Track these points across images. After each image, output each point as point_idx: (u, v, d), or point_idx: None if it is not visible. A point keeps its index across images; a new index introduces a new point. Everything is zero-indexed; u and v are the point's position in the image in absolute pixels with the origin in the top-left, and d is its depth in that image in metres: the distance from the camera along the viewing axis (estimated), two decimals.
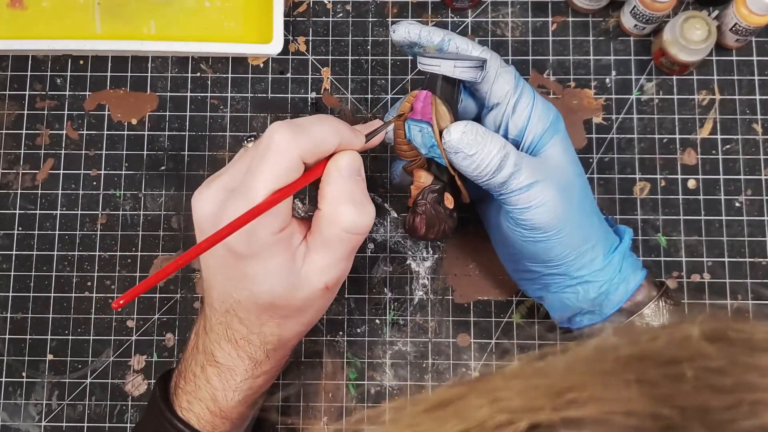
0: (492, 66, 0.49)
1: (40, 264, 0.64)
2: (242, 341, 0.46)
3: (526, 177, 0.47)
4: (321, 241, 0.44)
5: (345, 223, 0.44)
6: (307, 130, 0.43)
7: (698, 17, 0.60)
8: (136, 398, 0.62)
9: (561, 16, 0.66)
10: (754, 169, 0.63)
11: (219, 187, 0.45)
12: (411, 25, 0.50)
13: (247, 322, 0.46)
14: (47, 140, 0.65)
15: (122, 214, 0.64)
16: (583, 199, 0.50)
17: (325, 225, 0.44)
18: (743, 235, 0.62)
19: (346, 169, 0.44)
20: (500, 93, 0.49)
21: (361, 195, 0.45)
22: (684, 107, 0.64)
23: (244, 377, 0.47)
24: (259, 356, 0.47)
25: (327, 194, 0.44)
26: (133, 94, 0.66)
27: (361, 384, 0.61)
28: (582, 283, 0.51)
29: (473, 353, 0.62)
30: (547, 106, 0.50)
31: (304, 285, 0.45)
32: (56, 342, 0.62)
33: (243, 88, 0.66)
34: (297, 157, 0.43)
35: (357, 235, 0.45)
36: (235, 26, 0.66)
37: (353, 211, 0.44)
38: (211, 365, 0.48)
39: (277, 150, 0.42)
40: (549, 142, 0.49)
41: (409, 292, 0.63)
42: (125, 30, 0.66)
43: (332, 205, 0.44)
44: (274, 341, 0.46)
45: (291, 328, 0.47)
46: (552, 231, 0.48)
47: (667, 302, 0.51)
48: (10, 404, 0.62)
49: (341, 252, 0.45)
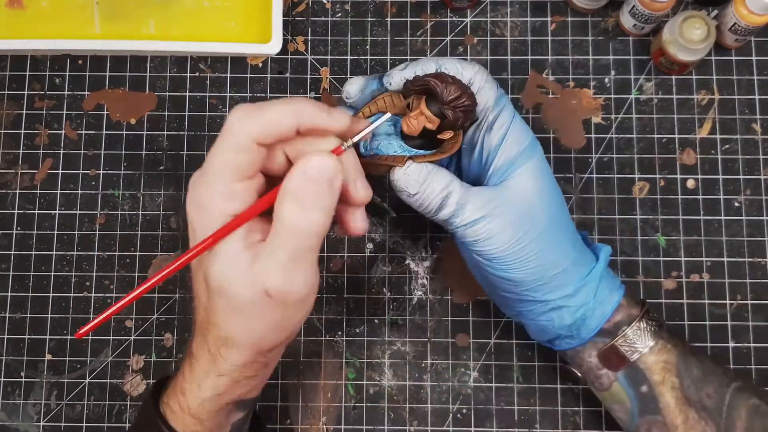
0: (477, 79, 0.49)
1: (39, 264, 0.64)
2: (203, 329, 0.46)
3: (471, 214, 0.48)
4: (270, 239, 0.42)
5: (285, 220, 0.41)
6: (262, 111, 0.42)
7: (697, 17, 0.60)
8: (135, 398, 0.62)
9: (560, 15, 0.66)
10: (753, 169, 0.63)
11: (195, 177, 0.45)
12: (404, 71, 0.49)
13: (206, 308, 0.45)
14: (46, 140, 0.65)
15: (121, 213, 0.64)
16: (552, 226, 0.49)
17: (274, 222, 0.42)
18: (742, 235, 0.62)
19: (313, 170, 0.41)
20: (479, 108, 0.49)
21: (312, 199, 0.42)
22: (683, 107, 0.64)
23: (206, 370, 0.46)
24: (214, 351, 0.46)
25: (282, 188, 0.42)
26: (132, 93, 0.66)
27: (360, 384, 0.61)
28: (555, 309, 0.50)
29: (472, 353, 0.62)
30: (525, 130, 0.50)
31: (246, 284, 0.42)
32: (55, 342, 0.62)
33: (242, 88, 0.66)
34: (246, 137, 0.42)
35: (298, 239, 0.42)
36: (234, 26, 0.66)
37: (295, 210, 0.41)
38: (188, 357, 0.47)
39: (227, 131, 0.42)
40: (519, 168, 0.49)
41: (408, 292, 0.63)
42: (124, 30, 0.66)
43: (281, 199, 0.42)
44: (223, 336, 0.45)
45: (238, 329, 0.44)
46: (510, 260, 0.48)
47: (649, 323, 0.51)
48: (8, 404, 0.62)
49: (283, 254, 0.42)
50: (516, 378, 0.61)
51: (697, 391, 0.50)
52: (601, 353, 0.51)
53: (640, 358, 0.50)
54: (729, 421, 0.49)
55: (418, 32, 0.66)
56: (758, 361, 0.61)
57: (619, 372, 0.51)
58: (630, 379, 0.51)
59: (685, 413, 0.50)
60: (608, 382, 0.52)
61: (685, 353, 0.51)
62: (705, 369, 0.51)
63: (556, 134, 0.64)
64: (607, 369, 0.52)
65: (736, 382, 0.51)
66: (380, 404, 0.61)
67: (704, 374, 0.51)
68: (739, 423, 0.49)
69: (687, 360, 0.51)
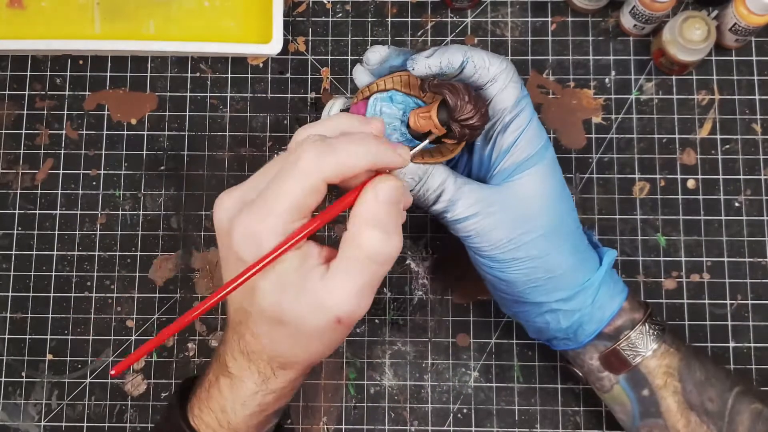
0: (501, 78, 0.49)
1: (40, 264, 0.64)
2: (252, 354, 0.45)
3: (462, 210, 0.48)
4: (341, 265, 0.42)
5: (367, 247, 0.41)
6: (335, 150, 0.41)
7: (698, 17, 0.60)
8: (136, 398, 0.62)
9: (560, 16, 0.66)
10: (754, 169, 0.63)
11: (238, 197, 0.44)
12: (429, 59, 0.48)
13: (257, 336, 0.45)
14: (47, 140, 0.65)
15: (122, 214, 0.64)
16: (551, 231, 0.49)
17: (348, 247, 0.42)
18: (743, 235, 0.62)
19: (384, 194, 0.42)
20: (497, 108, 0.49)
21: (393, 225, 0.42)
22: (683, 107, 0.64)
23: (254, 391, 0.46)
24: (267, 372, 0.46)
25: (356, 215, 0.42)
26: (132, 94, 0.66)
27: (360, 384, 0.61)
28: (550, 312, 0.50)
29: (473, 353, 0.62)
30: (538, 135, 0.49)
31: (314, 311, 0.42)
32: (56, 342, 0.62)
33: (242, 88, 0.66)
34: (320, 180, 0.41)
35: (378, 265, 0.42)
36: (235, 26, 0.66)
37: (379, 236, 0.41)
38: (224, 375, 0.47)
39: (301, 170, 0.40)
40: (526, 171, 0.49)
41: (409, 292, 0.63)
42: (124, 30, 0.66)
43: (359, 226, 0.41)
44: (280, 360, 0.45)
45: (298, 352, 0.45)
46: (503, 260, 0.49)
47: (651, 327, 0.51)
48: (9, 404, 0.62)
49: (359, 280, 0.41)
50: (516, 378, 0.61)
51: (699, 395, 0.50)
52: (603, 356, 0.51)
53: (642, 362, 0.50)
54: (731, 425, 0.49)
55: (419, 32, 0.66)
56: (758, 361, 0.61)
57: (621, 375, 0.51)
58: (631, 383, 0.51)
59: (686, 417, 0.50)
60: (609, 385, 0.52)
61: (688, 357, 0.51)
62: (708, 373, 0.51)
63: (557, 134, 0.64)
64: (609, 372, 0.52)
65: (738, 386, 0.51)
66: (381, 404, 0.61)
67: (707, 378, 0.50)
68: (741, 427, 0.49)
69: (690, 364, 0.51)
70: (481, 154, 0.51)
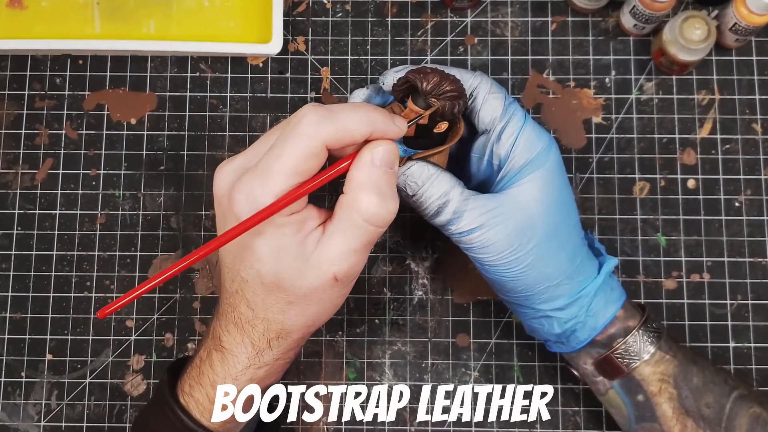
0: (481, 91, 0.49)
1: (39, 264, 0.64)
2: (247, 325, 0.46)
3: (467, 223, 0.47)
4: (337, 227, 0.43)
5: (364, 211, 0.43)
6: (336, 116, 0.42)
7: (698, 17, 0.60)
8: (136, 398, 0.62)
9: (560, 15, 0.66)
10: (754, 169, 0.63)
11: (238, 165, 0.45)
12: (398, 72, 0.49)
13: (252, 305, 0.45)
14: (46, 140, 0.65)
15: (121, 213, 0.64)
16: (549, 238, 0.48)
17: (344, 210, 0.43)
18: (743, 235, 0.62)
19: (380, 157, 0.43)
20: (487, 119, 0.49)
21: (388, 187, 0.43)
22: (683, 107, 0.64)
23: (246, 365, 0.47)
24: (261, 344, 0.46)
25: (353, 179, 0.43)
26: (132, 93, 0.66)
27: (360, 384, 0.61)
28: (545, 317, 0.50)
29: (472, 353, 0.62)
30: (537, 136, 0.49)
31: (311, 271, 0.44)
32: (55, 342, 0.62)
33: (242, 88, 0.66)
34: (321, 144, 0.42)
35: (375, 227, 0.43)
36: (235, 26, 0.66)
37: (375, 200, 0.43)
38: (217, 350, 0.47)
39: (302, 134, 0.42)
40: (526, 177, 0.48)
41: (409, 292, 0.63)
42: (124, 30, 0.66)
43: (355, 190, 0.43)
44: (277, 329, 0.46)
45: (294, 317, 0.46)
46: (503, 269, 0.48)
47: (647, 334, 0.50)
48: (9, 404, 0.62)
49: (355, 242, 0.43)
50: (516, 378, 0.61)
51: (696, 401, 0.50)
52: (596, 362, 0.51)
53: (636, 370, 0.50)
54: (729, 430, 0.49)
55: (419, 32, 0.66)
56: (758, 361, 0.61)
57: (615, 381, 0.51)
58: (626, 388, 0.51)
59: (683, 422, 0.50)
60: (604, 389, 0.52)
61: (685, 362, 0.50)
62: (706, 378, 0.50)
63: (557, 134, 0.64)
64: (603, 377, 0.51)
65: (737, 390, 0.50)
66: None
67: (704, 383, 0.50)
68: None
69: (686, 370, 0.50)
70: (479, 166, 0.51)
